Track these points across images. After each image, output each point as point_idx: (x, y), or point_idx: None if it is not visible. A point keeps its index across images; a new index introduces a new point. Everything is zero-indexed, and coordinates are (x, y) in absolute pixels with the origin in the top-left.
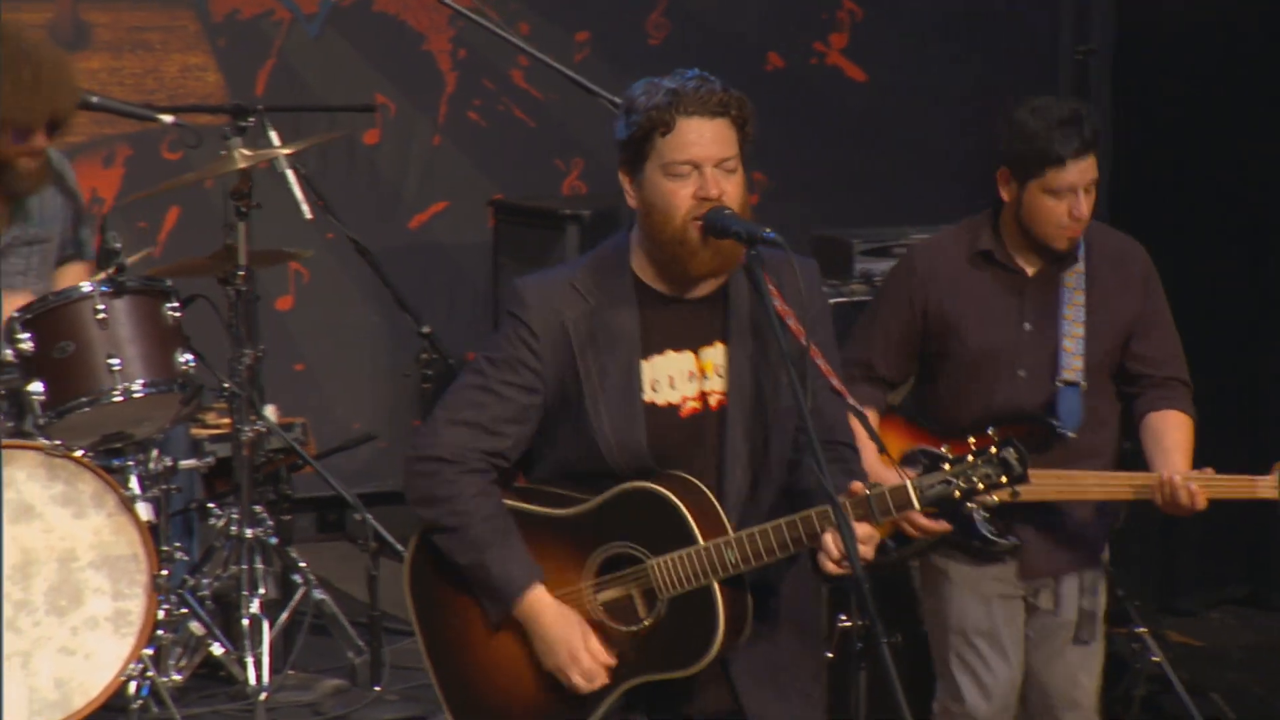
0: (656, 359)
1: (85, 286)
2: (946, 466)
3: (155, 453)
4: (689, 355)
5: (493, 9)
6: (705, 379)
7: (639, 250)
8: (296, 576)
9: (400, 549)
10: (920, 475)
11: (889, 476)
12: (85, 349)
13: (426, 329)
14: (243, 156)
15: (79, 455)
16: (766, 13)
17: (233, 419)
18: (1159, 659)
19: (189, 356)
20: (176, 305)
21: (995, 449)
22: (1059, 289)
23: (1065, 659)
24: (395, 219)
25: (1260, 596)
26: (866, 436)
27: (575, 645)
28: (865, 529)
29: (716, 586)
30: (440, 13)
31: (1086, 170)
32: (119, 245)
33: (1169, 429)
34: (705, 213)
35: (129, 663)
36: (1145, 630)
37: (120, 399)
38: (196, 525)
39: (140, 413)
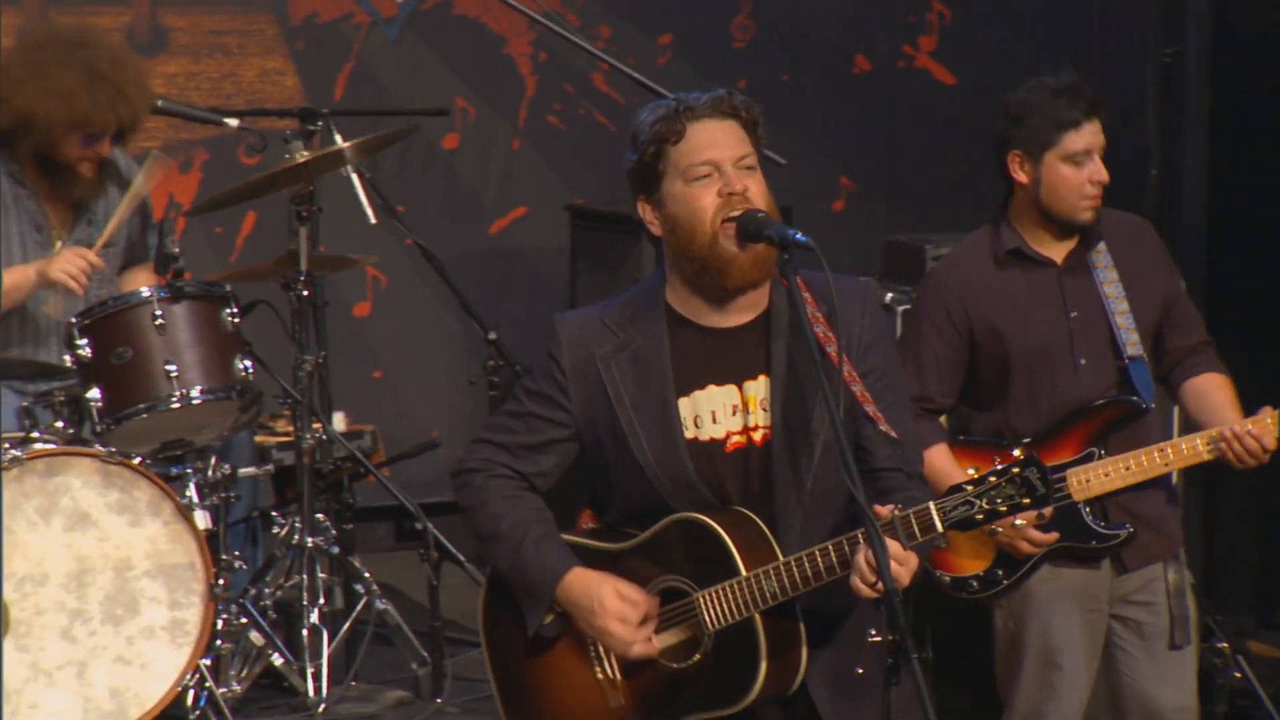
0: (698, 394)
1: (144, 291)
2: (970, 488)
3: (214, 460)
4: (732, 389)
5: (574, 12)
6: (749, 413)
7: (673, 281)
8: (359, 586)
9: (461, 559)
10: (943, 497)
11: None
12: (143, 355)
13: (493, 335)
14: (301, 159)
15: (135, 462)
16: (854, 15)
17: (294, 426)
18: (1240, 674)
19: (248, 363)
20: (235, 311)
21: (1017, 469)
22: (1091, 271)
23: (1168, 666)
24: (475, 224)
25: None
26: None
27: (615, 609)
28: (898, 548)
29: (759, 619)
30: (521, 15)
31: (1098, 133)
32: (177, 250)
33: (1212, 389)
34: (739, 215)
35: (185, 673)
36: (1227, 645)
37: (178, 405)
38: (260, 534)
39: (199, 419)
